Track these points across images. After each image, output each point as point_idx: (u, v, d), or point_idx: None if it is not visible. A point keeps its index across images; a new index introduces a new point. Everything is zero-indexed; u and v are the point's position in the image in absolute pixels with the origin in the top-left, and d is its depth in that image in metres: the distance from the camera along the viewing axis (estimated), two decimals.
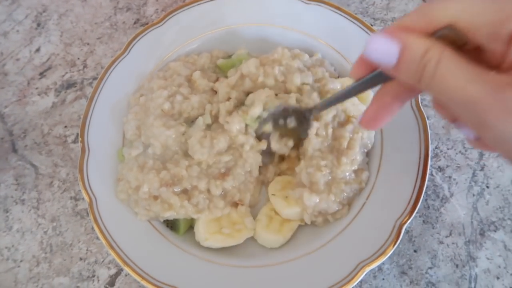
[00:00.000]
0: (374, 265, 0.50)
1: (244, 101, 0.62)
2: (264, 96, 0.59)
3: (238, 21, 0.70)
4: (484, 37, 0.31)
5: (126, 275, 0.59)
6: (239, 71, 0.63)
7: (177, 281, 0.52)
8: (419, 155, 0.56)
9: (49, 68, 0.78)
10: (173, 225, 0.58)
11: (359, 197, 0.57)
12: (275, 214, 0.58)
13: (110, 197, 0.58)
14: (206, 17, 0.70)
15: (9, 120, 0.73)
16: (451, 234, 0.59)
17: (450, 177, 0.63)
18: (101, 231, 0.55)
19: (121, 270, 0.60)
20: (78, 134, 0.63)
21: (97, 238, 0.62)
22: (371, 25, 0.77)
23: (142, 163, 0.59)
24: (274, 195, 0.58)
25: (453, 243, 0.59)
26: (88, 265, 0.61)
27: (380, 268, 0.58)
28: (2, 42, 0.81)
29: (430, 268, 0.57)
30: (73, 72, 0.77)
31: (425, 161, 0.56)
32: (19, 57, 0.80)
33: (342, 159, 0.56)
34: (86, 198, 0.57)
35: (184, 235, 0.58)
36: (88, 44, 0.80)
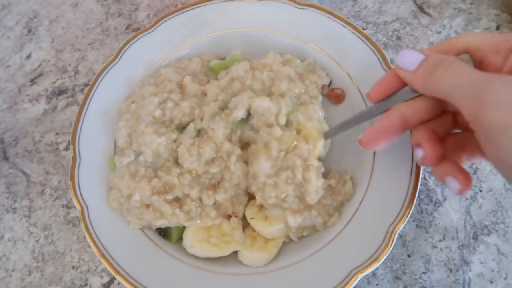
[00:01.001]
0: (367, 272, 0.50)
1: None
2: (246, 98, 0.58)
3: (230, 26, 0.70)
4: (490, 51, 0.42)
5: (118, 284, 0.59)
6: (229, 73, 0.63)
7: None
8: (412, 159, 0.56)
9: (40, 75, 0.78)
10: (165, 233, 0.57)
11: (351, 203, 0.57)
12: (257, 235, 0.57)
13: (101, 206, 0.58)
14: (198, 23, 0.70)
15: None
16: (444, 239, 0.59)
17: None
18: (92, 240, 0.54)
19: (113, 278, 0.59)
20: (69, 142, 0.63)
21: (90, 246, 0.61)
22: (363, 28, 0.77)
23: (134, 171, 0.58)
24: (253, 218, 0.57)
25: (446, 248, 0.59)
26: (80, 273, 0.60)
27: (374, 274, 0.58)
28: None
29: (424, 273, 0.57)
30: (64, 78, 0.77)
31: (417, 165, 0.55)
32: (10, 63, 0.79)
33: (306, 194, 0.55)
34: (78, 206, 0.56)
35: (176, 243, 0.57)
36: (80, 50, 0.80)
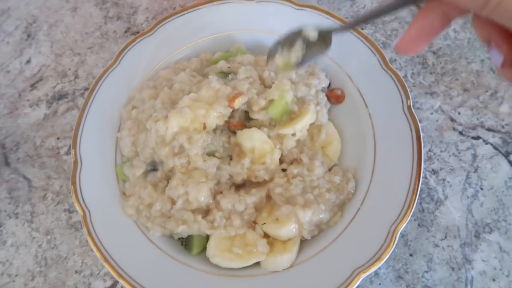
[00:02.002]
0: (369, 271, 0.50)
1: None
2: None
3: (229, 28, 0.70)
4: None
5: (122, 287, 0.59)
6: (232, 61, 0.64)
7: None
8: (412, 158, 0.56)
9: (40, 80, 0.78)
10: (187, 243, 0.57)
11: (353, 203, 0.57)
12: (274, 240, 0.56)
13: (103, 210, 0.58)
14: (196, 25, 0.70)
15: (0, 133, 0.73)
16: (446, 237, 0.59)
17: (444, 179, 0.63)
18: (95, 244, 0.55)
19: (116, 282, 0.60)
20: (70, 146, 0.63)
21: (92, 250, 0.61)
22: (362, 28, 0.77)
23: (155, 181, 0.59)
24: (265, 223, 0.56)
25: (448, 246, 0.59)
26: (83, 278, 0.60)
27: (376, 273, 0.58)
28: None
29: (426, 271, 0.57)
30: (64, 83, 0.77)
31: (418, 164, 0.55)
32: (10, 69, 0.79)
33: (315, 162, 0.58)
34: (80, 211, 0.56)
35: (197, 255, 0.57)
36: (79, 54, 0.80)
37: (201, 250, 0.57)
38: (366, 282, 0.57)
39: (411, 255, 0.59)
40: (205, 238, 0.57)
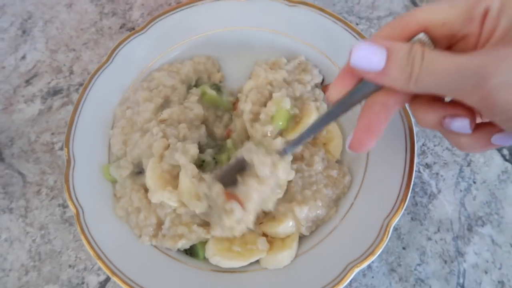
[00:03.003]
0: (363, 266, 0.50)
1: None
2: None
3: (220, 25, 0.70)
4: (462, 22, 0.34)
5: (115, 281, 0.59)
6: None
7: None
8: (405, 152, 0.56)
9: (35, 76, 0.78)
10: (191, 251, 0.57)
11: (346, 198, 0.57)
12: (272, 238, 0.56)
13: (96, 208, 0.58)
14: (190, 22, 0.70)
15: None
16: (439, 230, 0.60)
17: (437, 173, 0.63)
18: (88, 241, 0.54)
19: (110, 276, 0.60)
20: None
21: None
22: (356, 24, 0.78)
23: (144, 184, 0.58)
24: (262, 223, 0.57)
25: (441, 239, 0.59)
26: (77, 272, 0.60)
27: (369, 267, 0.58)
28: None
29: (419, 264, 0.58)
30: (59, 79, 0.77)
31: (411, 158, 0.56)
32: (5, 65, 0.79)
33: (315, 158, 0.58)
34: (73, 209, 0.56)
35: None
36: (74, 50, 0.80)
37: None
38: (359, 275, 0.57)
39: (404, 248, 0.59)
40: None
